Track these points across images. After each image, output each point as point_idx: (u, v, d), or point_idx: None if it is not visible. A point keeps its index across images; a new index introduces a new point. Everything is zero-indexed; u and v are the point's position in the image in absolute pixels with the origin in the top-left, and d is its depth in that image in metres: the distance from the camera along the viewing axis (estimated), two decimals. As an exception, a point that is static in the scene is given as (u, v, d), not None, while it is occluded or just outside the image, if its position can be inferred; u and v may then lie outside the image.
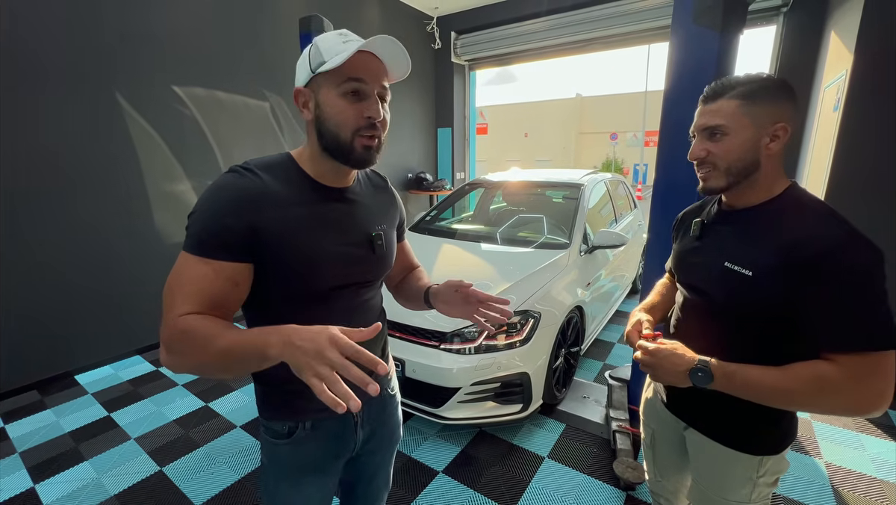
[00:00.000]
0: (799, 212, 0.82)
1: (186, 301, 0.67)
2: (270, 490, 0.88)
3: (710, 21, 1.69)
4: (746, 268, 0.81)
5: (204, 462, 1.98)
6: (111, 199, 2.82)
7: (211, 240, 0.68)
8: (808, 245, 0.74)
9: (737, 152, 0.83)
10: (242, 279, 0.72)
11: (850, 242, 0.72)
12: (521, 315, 2.08)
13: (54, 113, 2.53)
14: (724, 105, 0.84)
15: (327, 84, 0.72)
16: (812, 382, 0.72)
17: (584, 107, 26.63)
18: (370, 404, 0.93)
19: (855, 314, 0.71)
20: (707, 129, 0.86)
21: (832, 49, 3.04)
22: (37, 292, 2.56)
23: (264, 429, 0.86)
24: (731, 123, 0.83)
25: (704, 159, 0.87)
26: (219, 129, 3.36)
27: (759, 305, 0.81)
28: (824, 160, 2.71)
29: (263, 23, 3.59)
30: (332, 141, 0.74)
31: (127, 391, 2.59)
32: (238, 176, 0.72)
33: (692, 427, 1.00)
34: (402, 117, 5.37)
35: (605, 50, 5.01)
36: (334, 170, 0.79)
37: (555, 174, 3.65)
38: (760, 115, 0.82)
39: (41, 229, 2.54)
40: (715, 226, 0.95)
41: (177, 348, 0.65)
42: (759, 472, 0.91)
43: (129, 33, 2.79)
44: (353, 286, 0.83)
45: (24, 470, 1.94)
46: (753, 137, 0.82)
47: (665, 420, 1.08)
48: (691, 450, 1.03)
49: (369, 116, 0.72)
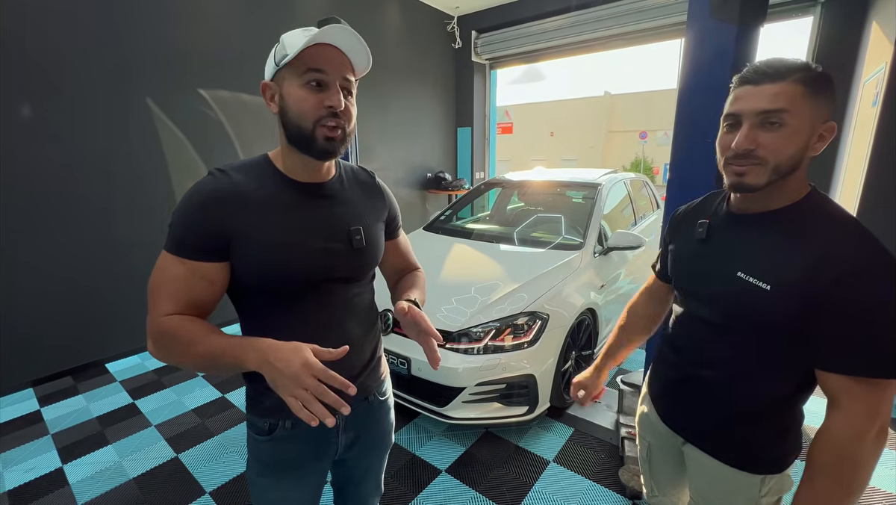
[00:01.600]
0: (825, 223, 0.73)
1: (168, 301, 0.73)
2: (254, 483, 0.91)
3: (727, 14, 1.62)
4: (764, 281, 0.74)
5: (217, 451, 2.06)
6: (144, 196, 2.97)
7: (186, 240, 0.73)
8: (835, 264, 0.68)
9: (793, 147, 0.72)
10: (217, 278, 0.76)
11: (877, 263, 0.67)
12: (529, 316, 2.05)
13: (89, 118, 2.68)
14: (788, 88, 0.70)
15: (290, 76, 0.73)
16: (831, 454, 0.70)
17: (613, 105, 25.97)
18: (354, 410, 0.92)
19: (871, 340, 0.67)
20: (764, 115, 0.71)
21: (873, 41, 2.85)
22: (72, 286, 2.72)
23: (248, 424, 0.89)
24: (795, 111, 0.70)
25: (752, 152, 0.73)
26: (242, 130, 3.48)
27: (772, 319, 0.74)
28: (861, 157, 2.55)
29: (285, 25, 3.67)
30: (295, 132, 0.75)
31: (151, 380, 2.73)
32: (212, 178, 0.75)
33: (690, 443, 0.95)
34: (421, 117, 5.40)
35: (632, 46, 4.86)
36: (304, 164, 0.80)
37: (573, 174, 3.58)
38: (819, 108, 0.71)
39: (76, 227, 2.71)
40: (724, 229, 0.86)
41: (161, 345, 0.73)
42: (761, 491, 0.86)
43: (159, 41, 2.93)
44: (333, 281, 0.83)
45: (54, 451, 2.07)
46: (808, 133, 0.72)
47: (662, 434, 1.02)
48: (690, 466, 0.98)
49: (330, 106, 0.73)
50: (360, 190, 0.92)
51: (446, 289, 2.24)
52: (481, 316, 2.04)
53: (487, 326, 2.00)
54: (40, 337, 2.64)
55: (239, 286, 0.79)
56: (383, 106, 4.81)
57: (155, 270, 0.74)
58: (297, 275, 0.79)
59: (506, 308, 2.07)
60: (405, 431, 2.19)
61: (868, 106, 2.67)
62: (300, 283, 0.79)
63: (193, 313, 0.75)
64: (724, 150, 0.77)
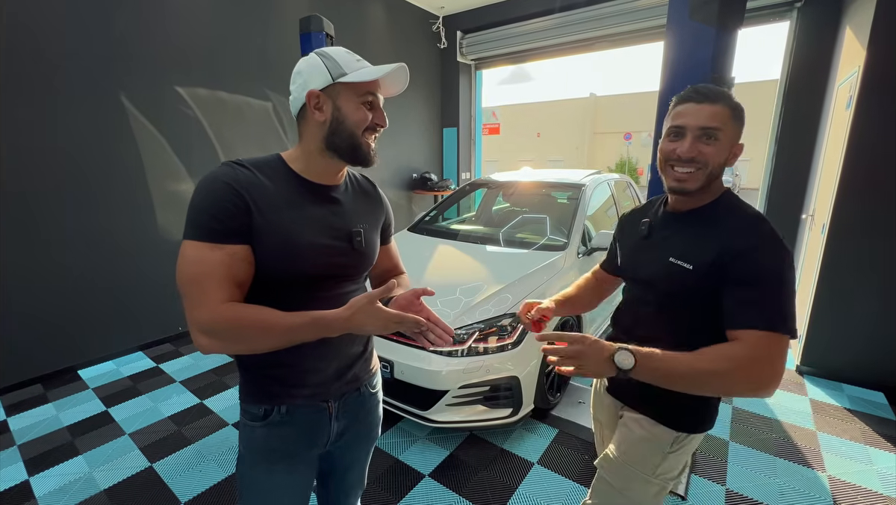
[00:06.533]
0: (732, 216, 0.92)
1: (218, 289, 0.73)
2: (245, 476, 0.92)
3: (706, 17, 1.63)
4: (688, 262, 0.92)
5: (194, 459, 1.99)
6: (116, 199, 2.87)
7: (218, 227, 0.74)
8: (736, 245, 0.86)
9: (721, 158, 0.91)
10: (252, 259, 0.78)
11: (769, 244, 0.84)
12: (513, 317, 2.04)
13: (60, 115, 2.59)
14: (722, 110, 0.89)
15: (348, 92, 0.82)
16: (722, 360, 0.81)
17: (598, 106, 26.26)
18: (346, 399, 0.96)
19: (765, 301, 0.82)
20: (704, 130, 0.89)
21: (847, 45, 2.93)
22: (43, 289, 2.62)
23: (242, 412, 0.91)
24: (725, 129, 0.89)
25: (694, 159, 0.90)
26: (222, 129, 3.40)
27: (695, 293, 0.92)
28: (836, 159, 2.61)
29: (264, 22, 3.62)
30: (347, 140, 0.83)
31: (126, 387, 2.64)
32: (231, 168, 0.79)
33: (627, 406, 1.09)
34: (407, 117, 5.37)
35: (616, 48, 4.90)
36: (326, 168, 0.87)
37: (557, 174, 3.59)
38: (737, 130, 0.92)
39: (47, 229, 2.60)
40: (662, 226, 1.04)
41: (223, 335, 0.73)
42: (672, 446, 1.00)
43: (132, 35, 2.84)
44: (333, 278, 0.88)
45: (20, 462, 1.98)
46: (730, 148, 0.91)
47: (607, 406, 1.18)
48: (619, 428, 1.09)
49: (378, 123, 0.86)
50: (364, 197, 0.99)
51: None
52: (465, 317, 2.02)
53: (471, 327, 1.99)
54: (9, 342, 2.53)
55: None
56: (368, 105, 4.76)
57: (187, 263, 0.73)
58: (305, 268, 0.82)
59: (490, 309, 2.06)
60: (388, 436, 2.16)
61: (842, 109, 2.73)
62: (303, 277, 0.83)
63: (238, 297, 0.76)
64: (668, 155, 0.94)
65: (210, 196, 0.74)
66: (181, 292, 0.74)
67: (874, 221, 2.45)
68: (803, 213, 3.49)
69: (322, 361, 0.90)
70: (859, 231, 2.50)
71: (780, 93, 3.77)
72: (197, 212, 0.74)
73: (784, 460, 2.00)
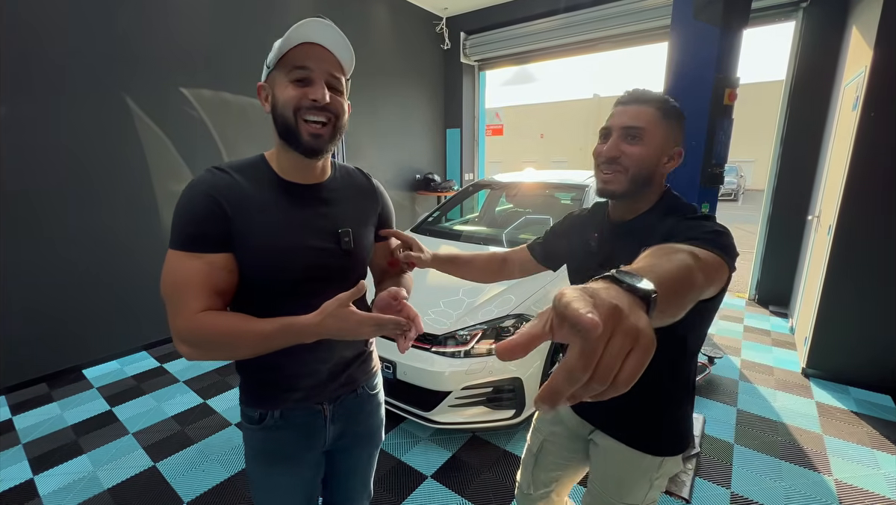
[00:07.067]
0: (672, 214, 0.89)
1: (196, 298, 0.72)
2: (252, 474, 0.94)
3: (710, 17, 1.62)
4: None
5: (197, 459, 2.00)
6: (121, 199, 2.89)
7: (195, 235, 0.74)
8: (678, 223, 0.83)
9: (647, 160, 0.87)
10: (234, 266, 0.77)
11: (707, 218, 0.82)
12: (517, 318, 2.04)
13: (63, 113, 2.60)
14: (645, 111, 0.87)
15: (279, 75, 0.77)
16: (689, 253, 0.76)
17: (601, 107, 26.16)
18: (342, 401, 0.95)
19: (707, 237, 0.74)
20: (627, 130, 0.87)
21: (853, 45, 2.90)
22: (47, 288, 2.64)
23: (241, 414, 0.92)
24: (650, 130, 0.86)
25: (616, 159, 0.88)
26: (226, 130, 3.41)
27: None
28: (843, 159, 2.59)
29: (267, 23, 3.63)
30: (282, 125, 0.78)
31: (130, 386, 2.65)
32: (211, 174, 0.78)
33: (600, 430, 1.03)
34: (410, 118, 5.37)
35: (620, 48, 4.88)
36: (296, 163, 0.82)
37: (560, 175, 3.58)
38: (671, 133, 0.88)
39: (50, 227, 2.62)
40: (608, 240, 1.01)
41: (201, 344, 0.72)
42: (658, 472, 0.97)
43: (135, 34, 2.85)
44: (321, 281, 0.84)
45: (25, 461, 1.99)
46: (660, 151, 0.88)
47: (570, 426, 1.10)
48: (594, 455, 1.05)
49: (314, 99, 0.76)
50: (354, 192, 0.94)
51: (434, 291, 2.21)
52: (468, 318, 2.01)
53: (474, 328, 1.98)
54: (14, 342, 2.55)
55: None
56: (372, 107, 4.77)
57: (167, 271, 0.74)
58: (287, 274, 0.81)
59: (493, 310, 2.05)
60: (391, 437, 2.16)
61: (848, 109, 2.71)
62: (288, 282, 0.81)
63: (219, 306, 0.76)
64: (595, 156, 0.93)
65: (188, 205, 0.74)
66: (164, 301, 0.74)
67: (881, 223, 2.43)
68: (809, 215, 3.47)
69: (317, 363, 0.88)
70: (866, 233, 2.48)
71: (785, 93, 3.74)
72: (177, 221, 0.74)
73: (790, 464, 1.98)
